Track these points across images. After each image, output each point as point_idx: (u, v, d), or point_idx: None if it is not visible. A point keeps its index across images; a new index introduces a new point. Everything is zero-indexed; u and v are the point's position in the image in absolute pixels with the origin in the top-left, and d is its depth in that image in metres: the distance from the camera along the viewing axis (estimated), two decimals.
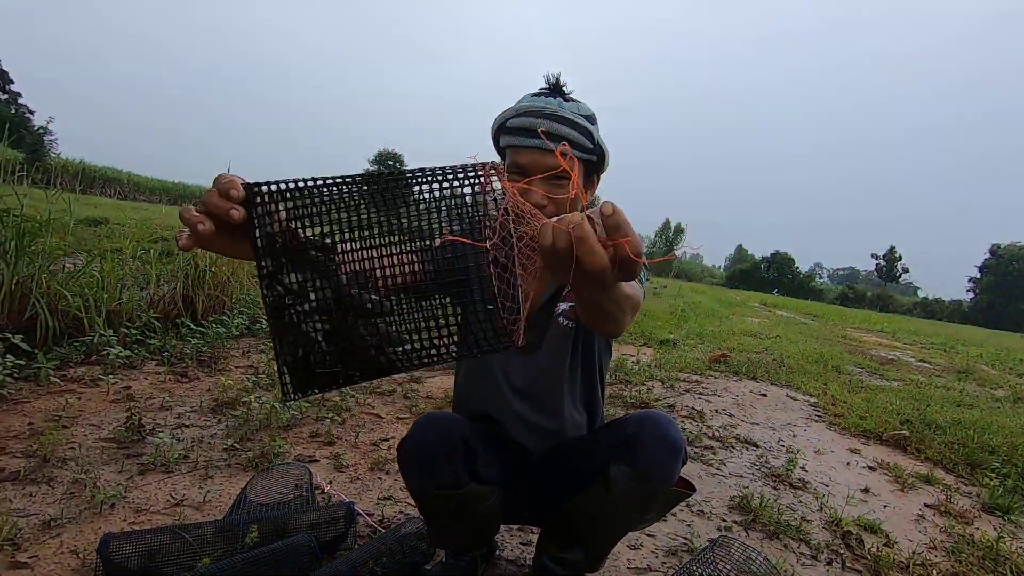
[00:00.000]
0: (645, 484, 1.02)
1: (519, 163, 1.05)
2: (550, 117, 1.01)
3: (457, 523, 1.14)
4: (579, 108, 1.05)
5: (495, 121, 1.09)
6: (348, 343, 0.57)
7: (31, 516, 1.41)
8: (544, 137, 0.98)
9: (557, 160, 1.00)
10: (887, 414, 3.70)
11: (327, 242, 0.57)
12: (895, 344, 10.35)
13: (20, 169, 3.54)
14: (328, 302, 0.56)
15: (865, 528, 1.96)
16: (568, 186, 1.04)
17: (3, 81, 40.80)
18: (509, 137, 1.05)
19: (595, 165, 1.10)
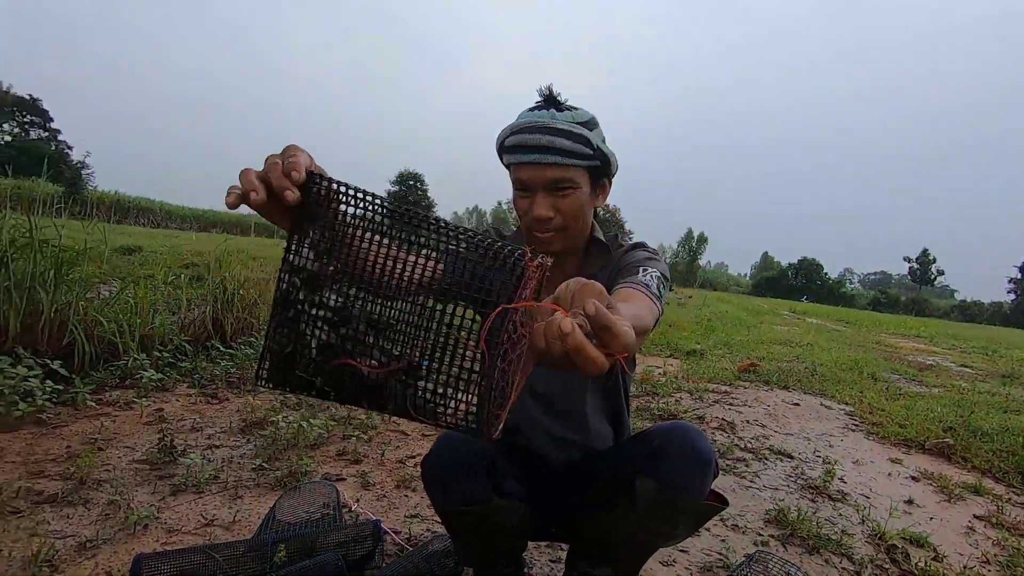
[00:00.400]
0: (673, 497, 0.98)
1: (520, 179, 1.05)
2: (542, 131, 1.00)
3: (484, 540, 1.12)
4: (574, 116, 1.04)
5: (497, 140, 1.09)
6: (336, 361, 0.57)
7: (68, 538, 1.44)
8: (540, 152, 0.99)
9: (555, 172, 1.01)
10: (928, 421, 3.55)
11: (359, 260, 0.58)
12: (933, 349, 9.99)
13: (59, 202, 3.69)
14: (341, 316, 0.56)
15: (911, 541, 1.87)
16: (574, 196, 1.04)
17: (44, 119, 42.84)
18: (508, 155, 1.06)
19: (600, 170, 1.08)
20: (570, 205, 1.04)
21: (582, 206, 1.06)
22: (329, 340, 0.56)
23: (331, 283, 0.57)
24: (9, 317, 2.63)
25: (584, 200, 1.06)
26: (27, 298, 2.71)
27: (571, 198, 1.04)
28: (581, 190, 1.04)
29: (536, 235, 1.08)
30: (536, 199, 1.04)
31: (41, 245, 2.88)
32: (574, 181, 1.03)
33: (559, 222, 1.06)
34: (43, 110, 42.74)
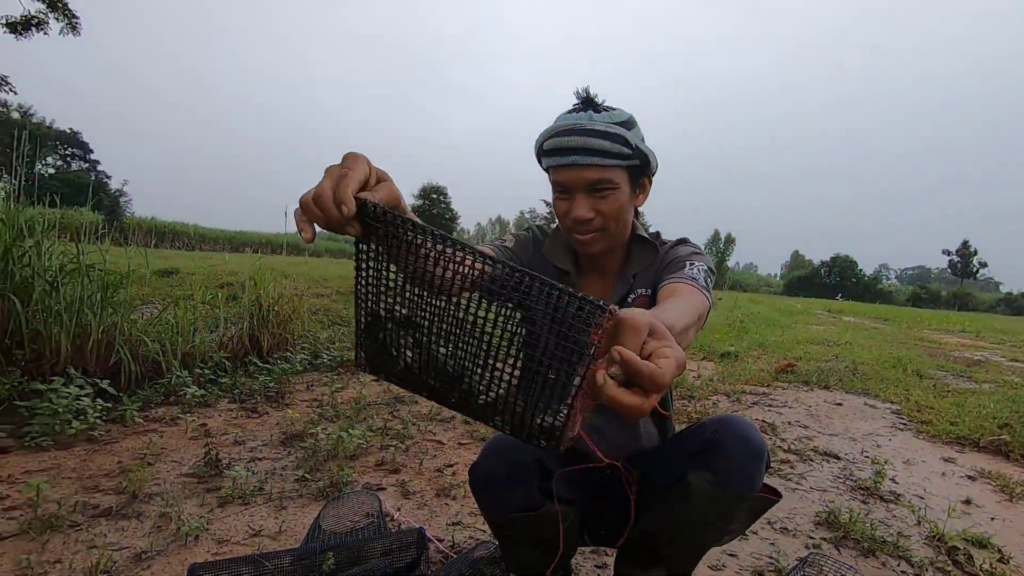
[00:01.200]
0: (727, 490, 0.96)
1: (560, 182, 1.05)
2: (580, 132, 0.99)
3: (534, 547, 1.11)
4: (612, 117, 1.02)
5: (536, 144, 1.09)
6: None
7: (123, 549, 1.48)
8: (577, 154, 0.99)
9: (595, 173, 1.01)
10: (982, 418, 3.40)
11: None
12: (980, 344, 9.59)
13: (101, 229, 3.84)
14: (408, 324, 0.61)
15: (972, 542, 1.79)
16: (614, 196, 1.03)
17: (84, 151, 44.81)
18: (547, 159, 1.05)
19: (640, 169, 1.07)
20: (610, 206, 1.04)
21: (622, 206, 1.05)
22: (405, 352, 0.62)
23: (397, 294, 0.61)
24: (61, 339, 2.74)
25: (624, 200, 1.05)
26: (76, 321, 2.82)
27: (611, 199, 1.03)
28: (621, 190, 1.03)
29: (577, 236, 1.08)
30: (575, 201, 1.04)
31: (87, 270, 2.99)
32: (613, 182, 1.02)
33: (599, 223, 1.05)
34: (83, 142, 44.69)
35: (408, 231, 0.57)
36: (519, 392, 0.57)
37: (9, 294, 2.68)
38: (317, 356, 3.99)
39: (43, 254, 2.93)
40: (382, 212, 0.57)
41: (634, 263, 1.16)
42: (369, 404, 2.98)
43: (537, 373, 0.55)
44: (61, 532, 1.54)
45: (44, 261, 2.92)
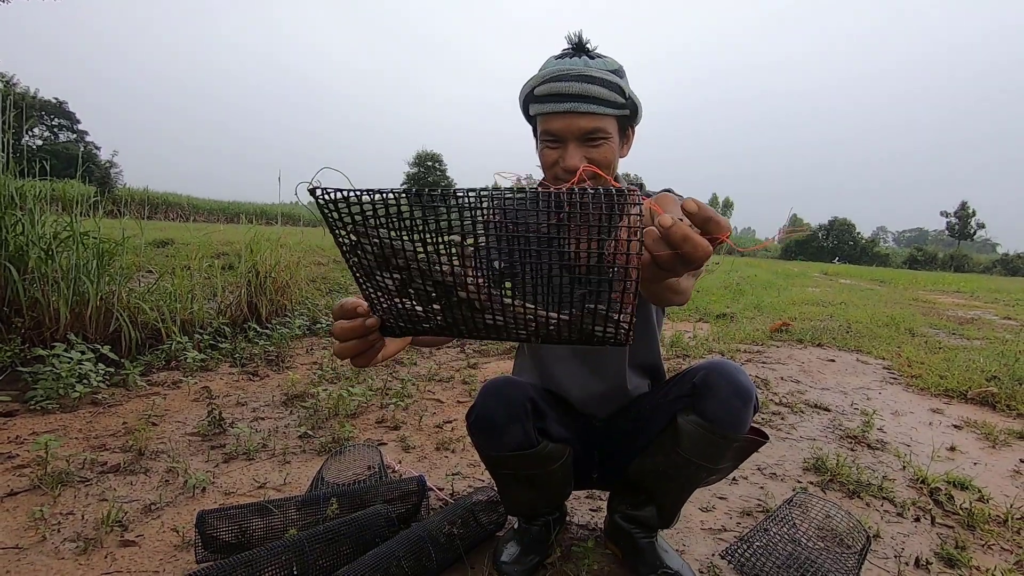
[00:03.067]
0: (716, 432, 1.00)
1: (551, 130, 1.02)
2: (577, 78, 0.97)
3: (530, 486, 1.15)
4: (606, 64, 1.01)
5: (522, 90, 1.06)
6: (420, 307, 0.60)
7: (133, 502, 1.53)
8: (573, 101, 0.96)
9: (590, 122, 0.98)
10: (971, 372, 3.47)
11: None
12: (974, 303, 9.67)
13: (94, 199, 3.81)
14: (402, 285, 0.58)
15: (955, 484, 1.85)
16: (606, 146, 1.02)
17: (71, 122, 43.91)
18: (538, 105, 1.02)
19: (628, 119, 1.07)
20: (602, 155, 1.02)
21: (613, 156, 1.04)
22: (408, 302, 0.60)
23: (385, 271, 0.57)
24: (59, 306, 2.75)
25: (615, 150, 1.04)
26: (73, 288, 2.83)
27: (603, 148, 1.02)
28: (612, 139, 1.02)
29: None
30: (568, 150, 1.02)
31: (82, 237, 2.99)
32: (606, 131, 1.01)
33: (590, 173, 1.05)
34: (70, 112, 43.83)
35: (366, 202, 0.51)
36: (581, 307, 0.54)
37: (4, 262, 2.68)
38: (316, 322, 4.02)
39: (36, 223, 2.92)
40: (326, 192, 0.51)
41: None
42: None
43: (592, 280, 0.52)
44: (71, 487, 1.59)
45: (38, 229, 2.91)
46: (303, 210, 33.59)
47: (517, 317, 0.55)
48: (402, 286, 0.57)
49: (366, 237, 0.53)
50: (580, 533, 1.43)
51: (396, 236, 0.53)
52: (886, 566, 1.35)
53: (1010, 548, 1.48)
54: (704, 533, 1.47)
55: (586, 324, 0.53)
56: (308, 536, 1.17)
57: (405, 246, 0.53)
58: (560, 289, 0.54)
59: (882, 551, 1.42)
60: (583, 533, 1.43)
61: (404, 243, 0.53)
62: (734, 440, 1.01)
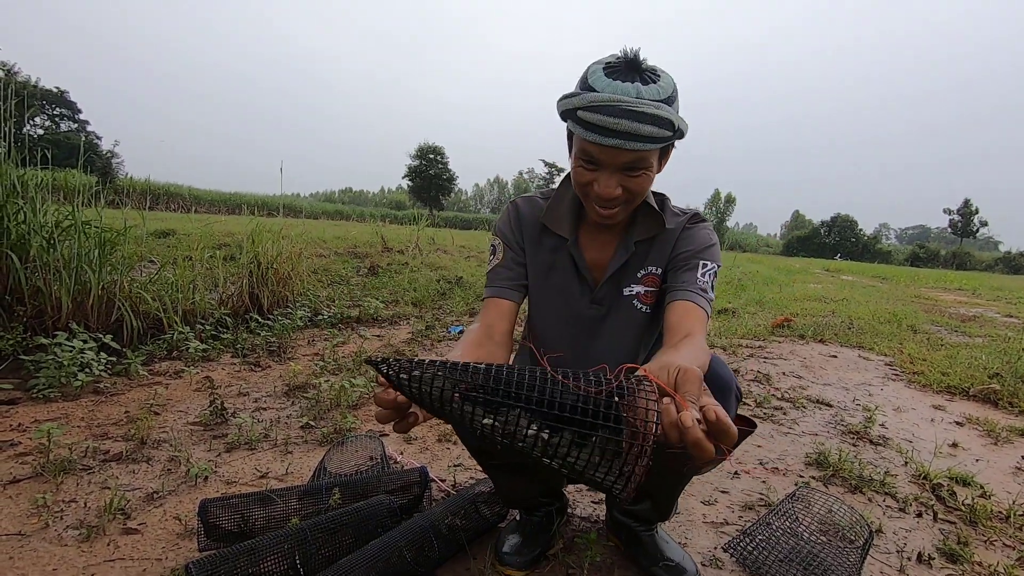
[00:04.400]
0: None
1: (591, 154, 0.96)
2: (627, 115, 0.89)
3: (521, 475, 1.15)
4: (659, 91, 0.91)
5: (563, 103, 0.97)
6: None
7: (136, 490, 1.53)
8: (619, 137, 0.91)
9: (633, 156, 0.94)
10: (973, 369, 3.46)
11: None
12: (977, 301, 9.65)
13: (95, 188, 3.80)
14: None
15: (957, 481, 1.85)
16: (645, 176, 0.98)
17: (72, 111, 43.80)
18: (581, 129, 0.94)
19: (672, 142, 1.01)
20: (639, 184, 0.99)
21: (649, 183, 1.01)
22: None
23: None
24: (61, 295, 2.75)
25: (652, 178, 1.01)
26: (75, 277, 2.83)
27: (641, 178, 0.98)
28: (652, 169, 0.99)
29: (598, 209, 1.03)
30: (603, 176, 0.98)
31: (84, 226, 2.98)
32: (648, 162, 0.96)
33: (624, 198, 1.01)
34: (71, 102, 43.71)
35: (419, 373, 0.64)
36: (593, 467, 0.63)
37: (6, 250, 2.67)
38: (317, 313, 4.02)
39: (38, 211, 2.91)
40: (387, 363, 0.64)
41: (637, 229, 1.13)
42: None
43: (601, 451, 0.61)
44: (74, 475, 1.59)
45: (40, 218, 2.90)
46: (304, 202, 33.61)
47: (537, 461, 0.66)
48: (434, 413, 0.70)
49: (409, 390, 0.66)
50: (582, 525, 1.43)
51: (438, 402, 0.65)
52: (888, 561, 1.35)
53: (1012, 544, 1.48)
54: (706, 526, 1.47)
55: (595, 482, 0.63)
56: (310, 525, 1.17)
57: (452, 414, 0.65)
58: (572, 451, 0.63)
59: (884, 546, 1.42)
60: (585, 525, 1.43)
61: (451, 411, 0.65)
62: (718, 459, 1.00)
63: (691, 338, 0.92)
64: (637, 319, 1.15)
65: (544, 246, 1.18)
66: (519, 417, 0.63)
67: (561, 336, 1.20)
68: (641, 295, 1.15)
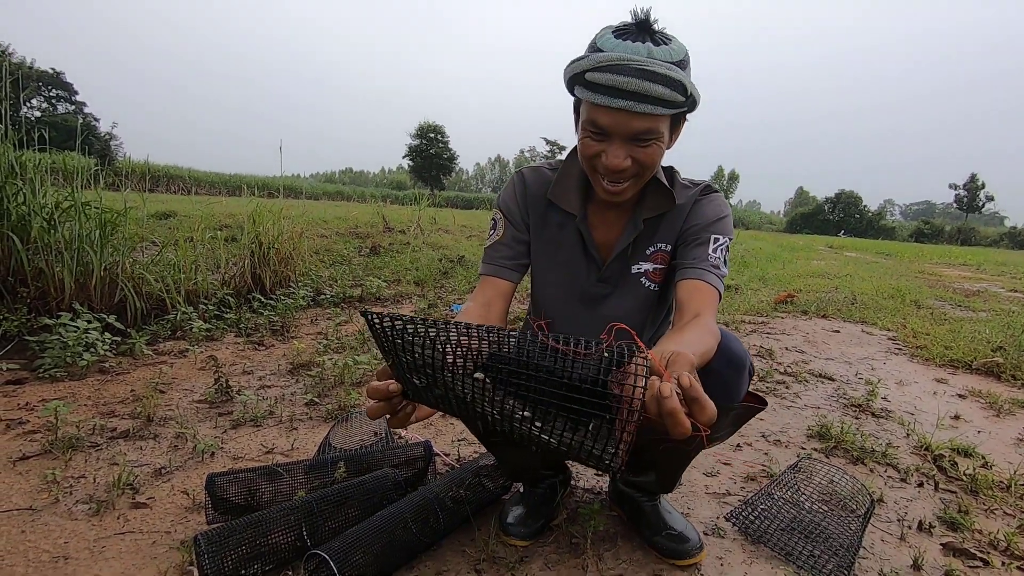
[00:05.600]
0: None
1: (599, 123, 0.92)
2: (638, 74, 0.85)
3: (523, 448, 1.15)
4: (671, 53, 0.88)
5: (571, 68, 0.94)
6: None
7: (144, 466, 1.54)
8: (630, 99, 0.87)
9: (643, 123, 0.90)
10: (976, 343, 3.46)
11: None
12: (981, 276, 9.62)
13: (94, 171, 3.77)
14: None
15: (958, 452, 1.86)
16: (656, 147, 0.95)
17: (69, 93, 43.38)
18: (589, 93, 0.90)
19: (684, 113, 0.97)
20: (649, 156, 0.95)
21: (660, 156, 0.97)
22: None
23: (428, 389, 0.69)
24: (64, 276, 2.75)
25: (662, 150, 0.97)
26: (77, 259, 2.83)
27: (651, 149, 0.94)
28: (663, 139, 0.95)
29: (606, 185, 0.99)
30: (612, 146, 0.94)
31: (84, 207, 2.97)
32: (658, 131, 0.92)
33: (633, 171, 0.96)
34: (67, 83, 43.27)
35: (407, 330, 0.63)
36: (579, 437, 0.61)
37: (7, 232, 2.67)
38: (320, 292, 4.02)
39: (37, 193, 2.90)
40: (378, 318, 0.64)
41: (646, 206, 1.09)
42: None
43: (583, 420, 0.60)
44: (82, 451, 1.61)
45: (39, 200, 2.89)
46: (305, 183, 33.42)
47: (522, 434, 0.64)
48: (426, 387, 0.68)
49: (405, 353, 0.65)
50: (586, 497, 1.45)
51: (429, 359, 0.64)
52: (889, 529, 1.37)
53: (1013, 512, 1.49)
54: (708, 497, 1.49)
55: (582, 455, 0.62)
56: (317, 498, 1.18)
57: (436, 376, 0.65)
58: (559, 422, 0.62)
59: (885, 515, 1.43)
60: (589, 497, 1.45)
61: (436, 373, 0.64)
62: (730, 410, 0.98)
63: (699, 319, 0.91)
64: (644, 297, 1.14)
65: (551, 221, 1.15)
66: (507, 384, 0.63)
67: (566, 314, 1.19)
68: (649, 272, 1.13)
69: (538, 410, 0.62)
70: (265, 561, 1.08)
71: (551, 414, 0.61)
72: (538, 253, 1.17)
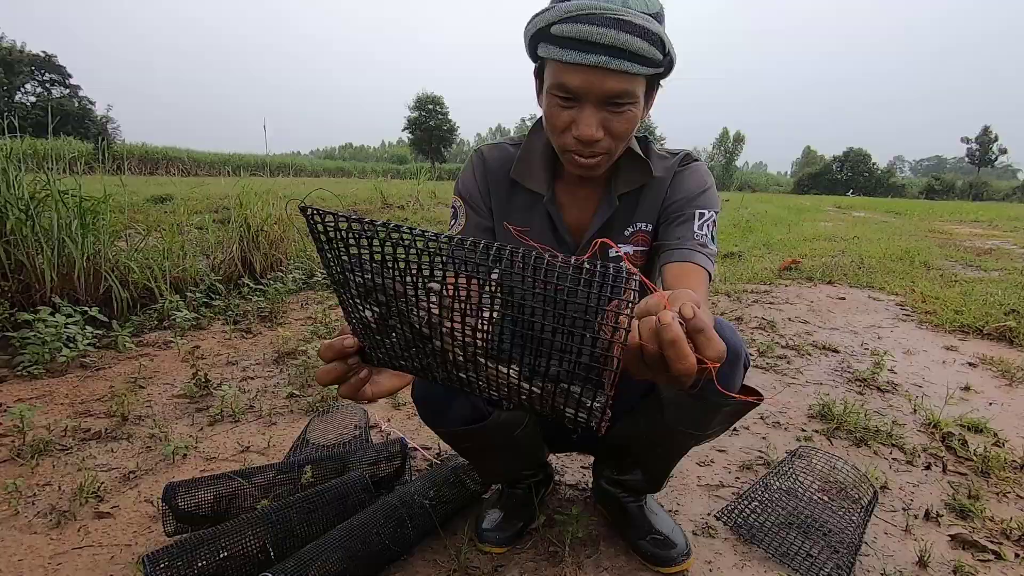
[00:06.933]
0: (701, 401, 0.88)
1: (568, 85, 0.80)
2: (613, 24, 0.75)
3: (495, 455, 1.07)
4: (647, 4, 0.78)
5: (533, 23, 0.83)
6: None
7: (112, 470, 1.49)
8: (603, 54, 0.76)
9: (618, 83, 0.78)
10: (988, 306, 3.34)
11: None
12: (993, 233, 9.38)
13: (91, 158, 3.67)
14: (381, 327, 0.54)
15: (968, 428, 1.77)
16: (631, 113, 0.83)
17: (62, 76, 42.81)
18: (555, 49, 0.79)
19: (659, 76, 0.86)
20: (624, 125, 0.84)
21: (635, 124, 0.86)
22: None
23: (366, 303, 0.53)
24: (44, 268, 2.68)
25: (638, 116, 0.85)
26: (57, 250, 2.75)
27: (627, 116, 0.83)
28: (638, 104, 0.83)
29: (576, 158, 0.87)
30: (583, 113, 0.82)
31: (62, 196, 2.88)
32: (634, 95, 0.81)
33: (607, 144, 0.86)
34: (60, 66, 42.60)
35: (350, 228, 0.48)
36: (555, 384, 0.49)
37: None
38: (311, 275, 3.94)
39: (12, 183, 2.80)
40: (319, 215, 0.48)
41: (620, 180, 0.98)
42: None
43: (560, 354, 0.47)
44: (51, 456, 1.55)
45: (15, 190, 2.80)
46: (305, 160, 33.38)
47: (490, 379, 0.52)
48: (380, 322, 0.54)
49: (351, 268, 0.50)
50: (570, 494, 1.38)
51: (380, 271, 0.49)
52: (893, 520, 1.29)
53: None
54: (700, 490, 1.41)
55: (558, 402, 0.49)
56: (279, 508, 1.11)
57: (386, 283, 0.49)
58: (533, 359, 0.48)
59: (889, 503, 1.35)
60: (573, 494, 1.37)
61: (386, 280, 0.49)
62: (723, 406, 0.89)
63: (684, 276, 0.83)
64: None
65: (516, 204, 1.03)
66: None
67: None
68: (629, 256, 1.02)
69: (513, 342, 0.51)
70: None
71: (526, 347, 0.48)
72: (503, 239, 1.06)
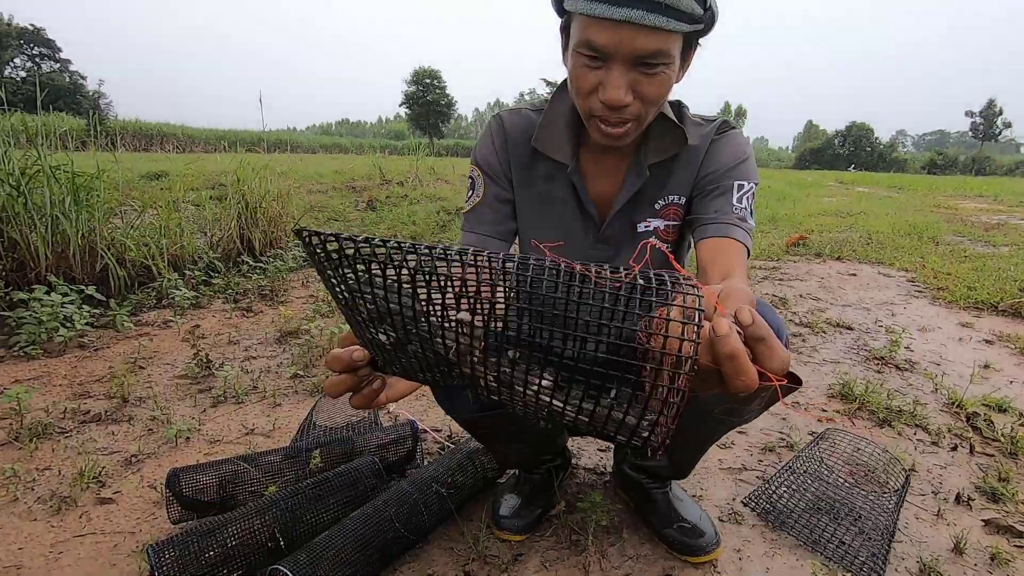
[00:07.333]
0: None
1: (595, 43, 0.72)
2: None
3: (513, 441, 1.01)
4: None
5: None
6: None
7: (114, 454, 1.44)
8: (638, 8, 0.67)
9: (652, 42, 0.69)
10: (1001, 282, 3.28)
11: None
12: (999, 208, 9.28)
13: (84, 134, 3.55)
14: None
15: (992, 407, 1.73)
16: (665, 76, 0.74)
17: (52, 50, 41.91)
18: (583, 2, 0.70)
19: (697, 35, 0.78)
20: (656, 89, 0.75)
21: (669, 88, 0.77)
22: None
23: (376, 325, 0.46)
24: (38, 246, 2.61)
25: (672, 79, 0.76)
26: (51, 227, 2.67)
27: (660, 78, 0.74)
28: (673, 65, 0.75)
29: (602, 127, 0.79)
30: (612, 74, 0.73)
31: (53, 171, 2.78)
32: (669, 55, 0.73)
33: (636, 110, 0.77)
34: (49, 40, 41.67)
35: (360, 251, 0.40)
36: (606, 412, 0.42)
37: None
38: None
39: (2, 158, 2.71)
40: (319, 238, 0.40)
41: (651, 149, 0.89)
42: None
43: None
44: (50, 439, 1.50)
45: (5, 165, 2.71)
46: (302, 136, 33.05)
47: (528, 403, 0.45)
48: (397, 345, 0.46)
49: (359, 293, 0.43)
50: (588, 478, 1.33)
51: (396, 296, 0.42)
52: (924, 504, 1.24)
53: None
54: (723, 473, 1.36)
55: (608, 429, 0.43)
56: (288, 495, 1.06)
57: (403, 309, 0.42)
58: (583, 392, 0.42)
59: (918, 487, 1.31)
60: (592, 478, 1.33)
61: (404, 307, 0.42)
62: (761, 391, 0.83)
63: (729, 283, 0.75)
64: (654, 260, 0.95)
65: (537, 173, 0.95)
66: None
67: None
68: (660, 230, 0.94)
69: (554, 370, 0.44)
70: (232, 568, 0.97)
71: (568, 375, 0.43)
72: (524, 212, 0.98)
